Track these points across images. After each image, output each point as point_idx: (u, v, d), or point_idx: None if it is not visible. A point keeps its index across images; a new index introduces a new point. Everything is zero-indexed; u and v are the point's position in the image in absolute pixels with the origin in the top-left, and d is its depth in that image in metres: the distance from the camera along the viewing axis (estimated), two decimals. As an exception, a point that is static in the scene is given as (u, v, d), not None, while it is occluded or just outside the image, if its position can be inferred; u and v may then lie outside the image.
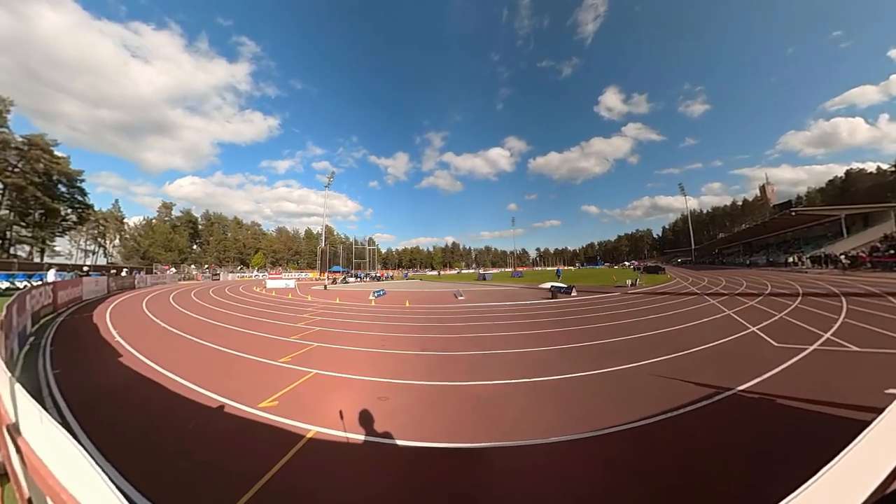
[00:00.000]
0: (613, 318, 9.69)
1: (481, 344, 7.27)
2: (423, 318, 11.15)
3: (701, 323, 8.45)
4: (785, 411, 3.67)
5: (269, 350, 6.93)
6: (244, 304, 16.34)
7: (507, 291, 21.75)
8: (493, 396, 4.42)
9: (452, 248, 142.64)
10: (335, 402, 4.25)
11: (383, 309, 13.90)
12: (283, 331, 9.10)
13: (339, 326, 9.78)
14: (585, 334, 7.80)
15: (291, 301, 17.79)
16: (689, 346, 6.33)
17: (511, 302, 15.01)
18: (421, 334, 8.49)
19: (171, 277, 35.32)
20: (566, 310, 11.92)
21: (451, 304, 15.38)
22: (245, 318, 11.43)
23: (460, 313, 12.12)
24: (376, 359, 6.28)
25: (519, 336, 7.93)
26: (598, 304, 13.18)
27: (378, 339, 8.02)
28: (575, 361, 5.75)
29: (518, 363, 5.80)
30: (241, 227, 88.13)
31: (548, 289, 19.22)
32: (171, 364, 5.77)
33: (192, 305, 14.92)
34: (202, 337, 8.06)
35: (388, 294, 21.77)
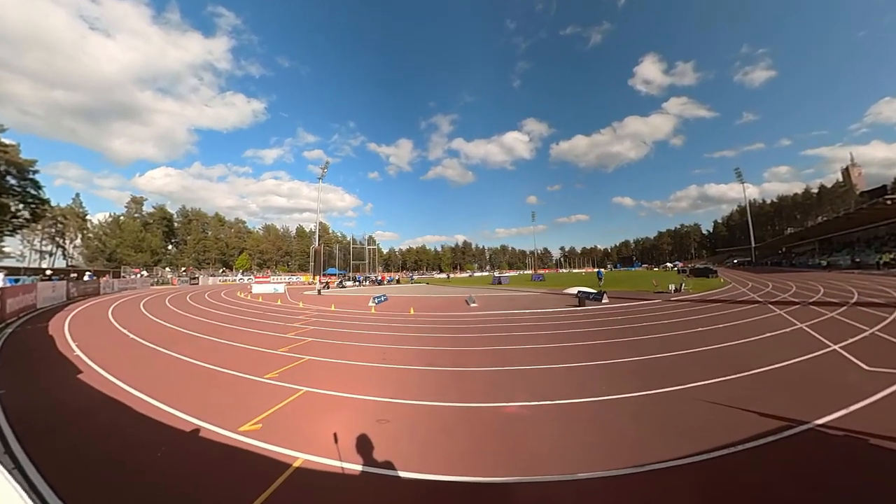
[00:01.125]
0: (654, 331, 9.45)
1: (498, 358, 7.18)
2: (430, 328, 11.11)
3: (764, 338, 8.04)
4: (881, 455, 3.32)
5: (254, 364, 6.95)
6: (226, 311, 16.57)
7: (527, 297, 21.60)
8: (512, 421, 4.30)
9: (463, 247, 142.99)
10: (328, 425, 4.20)
11: (385, 317, 13.93)
12: (269, 342, 9.16)
13: (335, 337, 9.81)
14: (621, 349, 7.61)
15: (280, 308, 17.98)
16: (749, 366, 6.01)
17: (531, 310, 14.91)
18: (428, 346, 8.45)
19: (143, 282, 36.20)
20: (597, 320, 11.74)
21: (462, 311, 15.35)
22: (227, 328, 11.57)
23: (473, 322, 12.08)
24: (376, 375, 6.25)
25: (542, 350, 7.82)
26: (636, 313, 12.91)
27: (378, 351, 8.00)
28: (609, 381, 5.58)
29: (541, 382, 5.67)
30: (223, 224, 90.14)
31: (574, 295, 19.12)
32: (139, 381, 5.83)
33: (166, 314, 15.21)
34: (177, 349, 8.17)
35: (391, 300, 21.83)
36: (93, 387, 5.59)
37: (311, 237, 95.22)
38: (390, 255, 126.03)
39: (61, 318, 12.94)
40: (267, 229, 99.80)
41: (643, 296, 18.82)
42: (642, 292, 20.89)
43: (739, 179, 74.64)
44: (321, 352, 7.98)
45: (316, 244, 59.24)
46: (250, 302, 21.50)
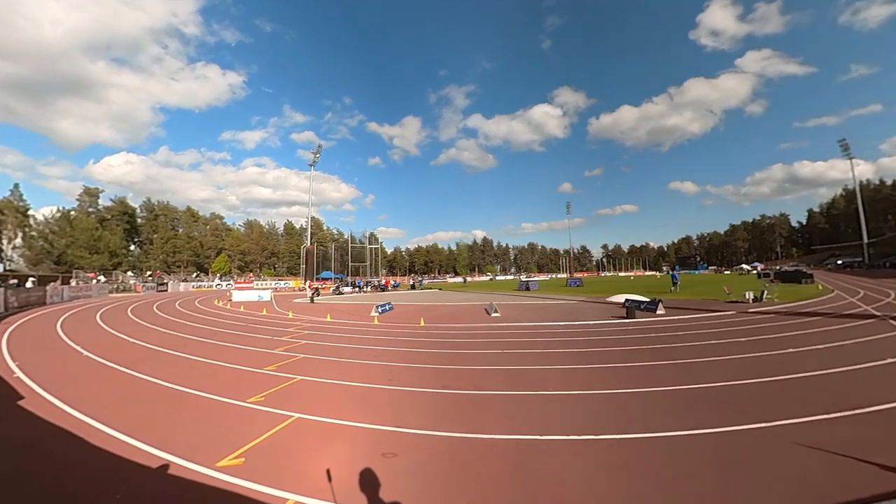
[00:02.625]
0: (727, 350, 9.18)
1: (525, 380, 7.11)
2: (443, 343, 11.12)
3: (883, 365, 7.57)
4: None
5: (235, 386, 7.06)
6: (201, 323, 16.98)
7: (561, 306, 21.38)
8: (543, 458, 4.21)
9: (483, 246, 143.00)
10: (323, 460, 4.21)
11: (390, 329, 14.03)
12: (254, 359, 9.32)
13: (331, 353, 9.93)
14: (682, 372, 7.41)
15: (266, 319, 18.32)
16: (861, 401, 5.55)
17: (566, 322, 14.80)
18: (441, 364, 8.46)
19: (99, 289, 37.48)
20: (651, 335, 11.55)
21: (481, 322, 15.34)
22: (202, 343, 11.84)
23: (495, 336, 12.07)
24: (381, 398, 6.27)
25: (579, 371, 7.71)
26: (701, 327, 12.62)
27: (383, 370, 8.05)
28: (667, 413, 5.40)
29: (578, 410, 5.57)
30: (196, 220, 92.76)
31: (621, 304, 18.89)
32: (94, 407, 5.94)
33: (128, 326, 15.71)
34: (141, 369, 8.38)
35: (397, 309, 21.97)
36: (37, 416, 5.68)
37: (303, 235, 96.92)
38: (395, 255, 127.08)
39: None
40: (249, 226, 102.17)
41: (711, 306, 18.36)
42: (709, 302, 20.38)
43: (846, 154, 69.21)
44: (315, 370, 8.04)
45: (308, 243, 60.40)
46: (230, 312, 21.95)
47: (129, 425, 5.19)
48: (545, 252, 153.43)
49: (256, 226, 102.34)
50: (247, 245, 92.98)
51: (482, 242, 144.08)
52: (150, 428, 5.12)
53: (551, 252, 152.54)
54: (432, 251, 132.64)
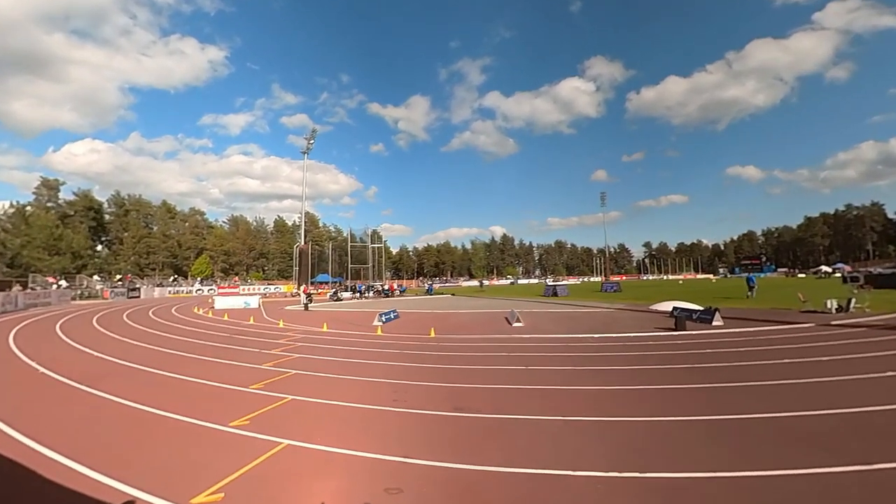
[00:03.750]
0: (804, 372, 8.89)
1: (553, 403, 7.00)
2: (457, 358, 11.11)
3: None
4: None
5: (215, 406, 7.07)
6: (178, 334, 17.24)
7: (595, 315, 21.21)
8: (576, 499, 4.06)
9: (502, 244, 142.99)
10: (316, 495, 4.15)
11: (396, 341, 14.08)
12: (238, 375, 9.38)
13: (328, 368, 9.97)
14: (745, 399, 7.19)
15: (253, 329, 18.53)
16: None
17: (602, 334, 14.67)
18: (454, 382, 8.42)
19: (61, 295, 38.32)
20: (706, 351, 11.33)
21: (502, 333, 15.31)
22: (178, 357, 11.99)
23: (517, 350, 12.02)
24: (385, 421, 6.24)
25: (618, 393, 7.56)
26: (770, 342, 12.27)
27: (388, 389, 8.04)
28: (726, 448, 5.18)
29: (619, 441, 5.41)
30: (173, 216, 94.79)
31: (668, 313, 18.67)
32: (48, 433, 5.94)
33: (93, 338, 16.00)
34: (105, 387, 8.43)
35: (403, 317, 22.06)
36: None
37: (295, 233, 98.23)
38: (402, 255, 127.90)
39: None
40: (234, 223, 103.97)
41: (781, 316, 17.92)
42: (780, 311, 19.91)
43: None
44: (309, 389, 8.04)
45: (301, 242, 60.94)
46: (212, 321, 22.28)
47: (88, 454, 5.18)
48: (575, 251, 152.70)
49: (242, 222, 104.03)
50: (231, 244, 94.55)
51: (501, 241, 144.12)
52: (113, 457, 5.11)
53: (582, 251, 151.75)
54: (444, 251, 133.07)
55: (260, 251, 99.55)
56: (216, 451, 5.27)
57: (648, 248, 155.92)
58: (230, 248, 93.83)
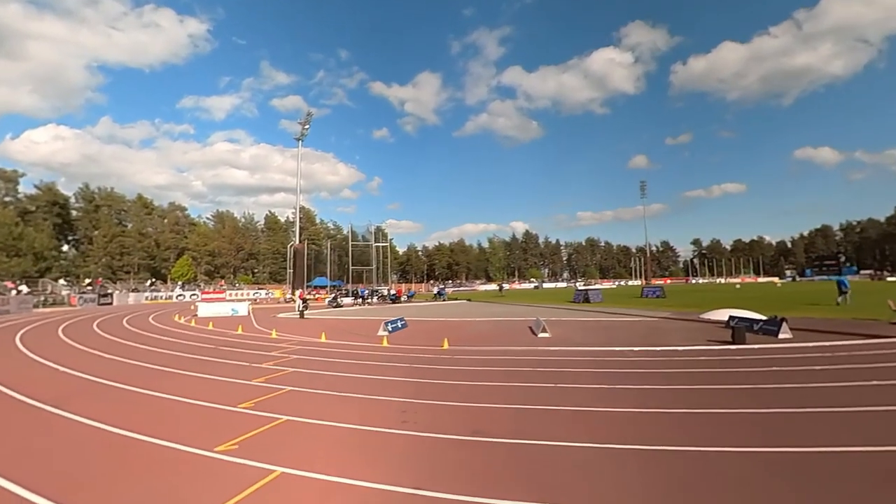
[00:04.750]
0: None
1: (586, 427, 6.91)
2: (474, 373, 11.10)
3: None
4: None
5: (199, 428, 7.12)
6: (156, 346, 17.51)
7: (635, 325, 21.02)
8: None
9: (525, 242, 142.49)
10: (313, 532, 4.13)
11: (403, 353, 14.14)
12: (225, 393, 9.47)
13: (326, 384, 10.02)
14: (822, 427, 6.98)
15: (242, 340, 18.71)
16: None
17: (643, 347, 14.48)
18: (472, 401, 8.39)
19: (21, 302, 39.01)
20: (770, 370, 11.05)
21: (525, 345, 15.26)
22: (157, 372, 12.14)
23: (543, 364, 11.97)
24: (391, 447, 6.22)
25: (664, 418, 7.42)
26: (852, 360, 11.90)
27: (394, 408, 8.04)
28: (797, 487, 5.06)
29: (666, 475, 5.33)
30: (150, 212, 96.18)
31: (723, 323, 18.44)
32: (4, 462, 5.95)
33: (59, 351, 16.25)
34: (74, 407, 8.49)
35: (412, 326, 22.11)
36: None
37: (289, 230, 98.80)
38: (410, 255, 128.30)
39: None
40: (220, 219, 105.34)
41: (866, 328, 17.35)
42: (863, 322, 19.26)
43: None
44: (306, 408, 8.07)
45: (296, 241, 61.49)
46: (195, 330, 22.54)
47: (51, 485, 5.20)
48: (610, 251, 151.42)
49: (229, 219, 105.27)
50: (217, 244, 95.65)
51: (524, 238, 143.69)
52: (80, 488, 5.15)
53: (619, 251, 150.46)
54: (458, 250, 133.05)
55: (249, 251, 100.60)
56: (200, 480, 5.29)
57: (698, 247, 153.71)
58: (215, 247, 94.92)
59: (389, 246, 72.16)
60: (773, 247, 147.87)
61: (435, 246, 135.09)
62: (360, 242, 70.79)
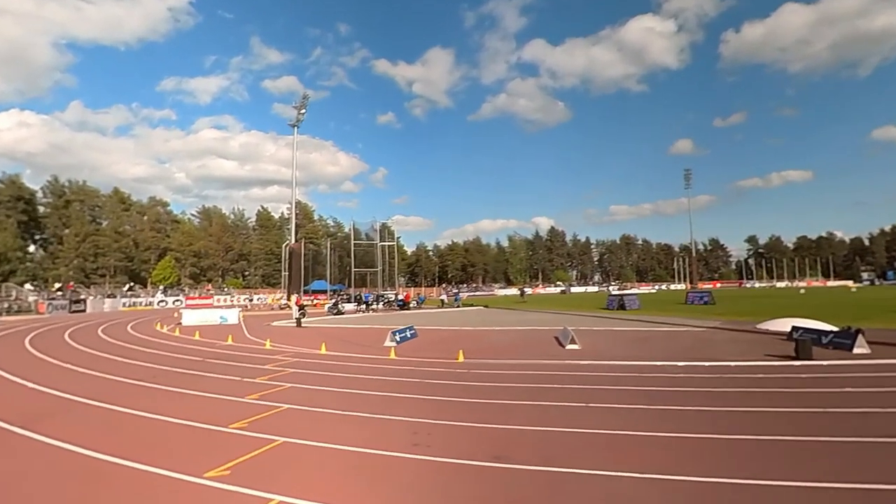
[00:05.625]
0: None
1: (622, 453, 6.84)
2: (493, 390, 11.09)
3: None
4: None
5: (186, 451, 7.19)
6: (135, 358, 17.72)
7: (679, 336, 20.83)
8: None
9: (550, 240, 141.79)
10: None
11: (413, 367, 14.20)
12: (214, 411, 9.55)
13: (327, 402, 10.05)
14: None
15: (232, 351, 18.85)
16: None
17: (689, 362, 14.28)
18: (492, 422, 8.36)
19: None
20: (842, 390, 10.84)
21: (551, 358, 15.25)
22: (136, 388, 12.27)
23: (573, 380, 11.95)
24: (401, 473, 6.23)
25: (713, 445, 7.33)
26: None
27: (404, 430, 8.06)
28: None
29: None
30: (127, 208, 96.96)
31: (785, 335, 18.15)
32: None
33: (26, 364, 16.49)
34: (44, 429, 8.57)
35: (423, 336, 22.13)
36: None
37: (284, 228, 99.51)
38: (419, 256, 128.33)
39: None
40: (206, 215, 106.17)
41: None
42: None
43: None
44: (305, 428, 8.10)
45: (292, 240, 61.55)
46: (179, 341, 22.76)
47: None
48: (648, 250, 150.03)
49: (216, 215, 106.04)
50: (203, 243, 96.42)
51: (548, 235, 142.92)
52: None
53: (659, 250, 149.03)
54: (473, 250, 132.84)
55: (239, 251, 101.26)
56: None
57: (753, 245, 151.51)
58: (201, 247, 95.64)
59: (396, 245, 72.12)
60: (845, 245, 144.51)
61: (447, 245, 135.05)
62: (364, 241, 71.18)
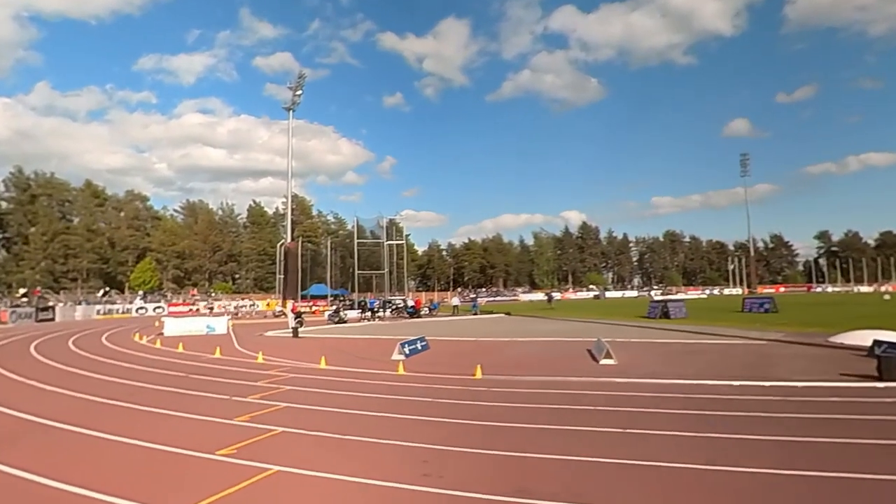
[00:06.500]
0: None
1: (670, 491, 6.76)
2: (517, 411, 11.06)
3: None
4: None
5: (167, 481, 7.24)
6: (110, 374, 17.95)
7: (734, 350, 20.71)
8: None
9: (581, 237, 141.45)
10: None
11: (424, 384, 14.20)
12: (199, 435, 9.63)
13: (327, 425, 10.05)
14: None
15: (220, 366, 18.99)
16: None
17: (746, 381, 13.96)
18: (514, 450, 8.28)
19: None
20: None
21: (581, 374, 15.17)
22: (112, 408, 12.36)
23: (608, 402, 11.83)
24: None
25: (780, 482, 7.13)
26: None
27: (414, 457, 8.02)
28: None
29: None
30: (102, 203, 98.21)
31: (866, 350, 17.79)
32: None
33: None
34: (6, 456, 8.54)
35: (435, 348, 22.21)
36: None
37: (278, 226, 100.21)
38: (432, 256, 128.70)
39: None
40: (191, 211, 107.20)
41: None
42: None
43: None
44: (302, 455, 8.10)
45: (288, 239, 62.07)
46: (160, 353, 22.99)
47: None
48: (698, 248, 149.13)
49: (203, 211, 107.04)
50: (187, 243, 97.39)
51: (579, 232, 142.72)
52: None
53: (710, 248, 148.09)
54: (493, 248, 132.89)
55: (228, 252, 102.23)
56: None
57: (825, 242, 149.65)
58: (185, 247, 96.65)
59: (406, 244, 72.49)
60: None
61: (463, 244, 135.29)
62: (369, 240, 71.28)
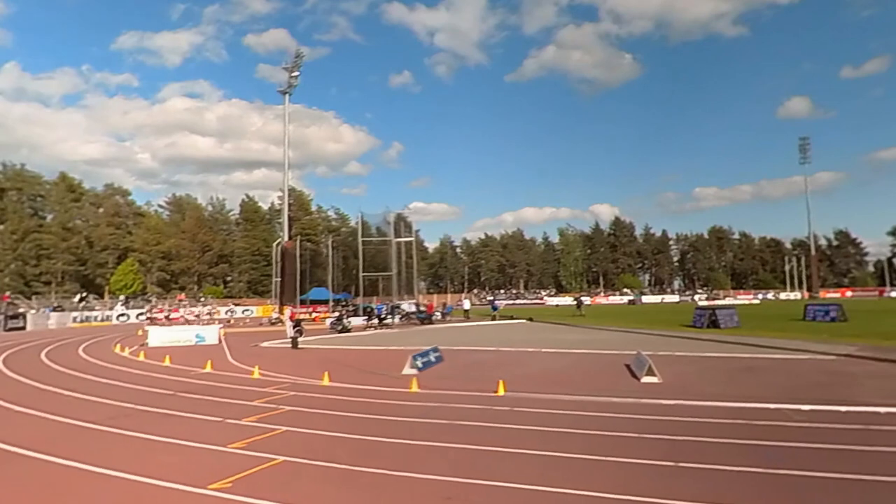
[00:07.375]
0: None
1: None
2: (546, 436, 10.97)
3: None
4: None
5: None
6: (87, 391, 18.11)
7: (797, 367, 20.47)
8: None
9: (614, 234, 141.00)
10: None
11: (440, 403, 14.18)
12: (187, 466, 9.61)
13: (333, 451, 10.00)
14: None
15: (211, 381, 19.10)
16: None
17: (814, 406, 13.33)
18: (544, 484, 8.12)
19: None
20: None
21: (620, 394, 15.07)
22: (88, 432, 12.36)
23: (653, 427, 11.61)
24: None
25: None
26: None
27: (433, 491, 7.96)
28: None
29: None
30: (78, 198, 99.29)
31: None
32: None
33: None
34: None
35: (449, 359, 22.25)
36: None
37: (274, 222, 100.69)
38: (444, 254, 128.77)
39: None
40: (178, 206, 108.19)
41: None
42: None
43: None
44: (304, 489, 8.06)
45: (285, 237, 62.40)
46: (144, 367, 23.15)
47: None
48: (749, 246, 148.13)
49: (190, 207, 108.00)
50: (173, 242, 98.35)
51: (611, 228, 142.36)
52: None
53: (763, 246, 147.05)
54: (513, 246, 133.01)
55: (219, 252, 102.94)
56: None
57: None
58: (171, 247, 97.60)
59: (415, 241, 72.58)
60: None
61: (480, 240, 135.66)
62: (375, 237, 71.33)
